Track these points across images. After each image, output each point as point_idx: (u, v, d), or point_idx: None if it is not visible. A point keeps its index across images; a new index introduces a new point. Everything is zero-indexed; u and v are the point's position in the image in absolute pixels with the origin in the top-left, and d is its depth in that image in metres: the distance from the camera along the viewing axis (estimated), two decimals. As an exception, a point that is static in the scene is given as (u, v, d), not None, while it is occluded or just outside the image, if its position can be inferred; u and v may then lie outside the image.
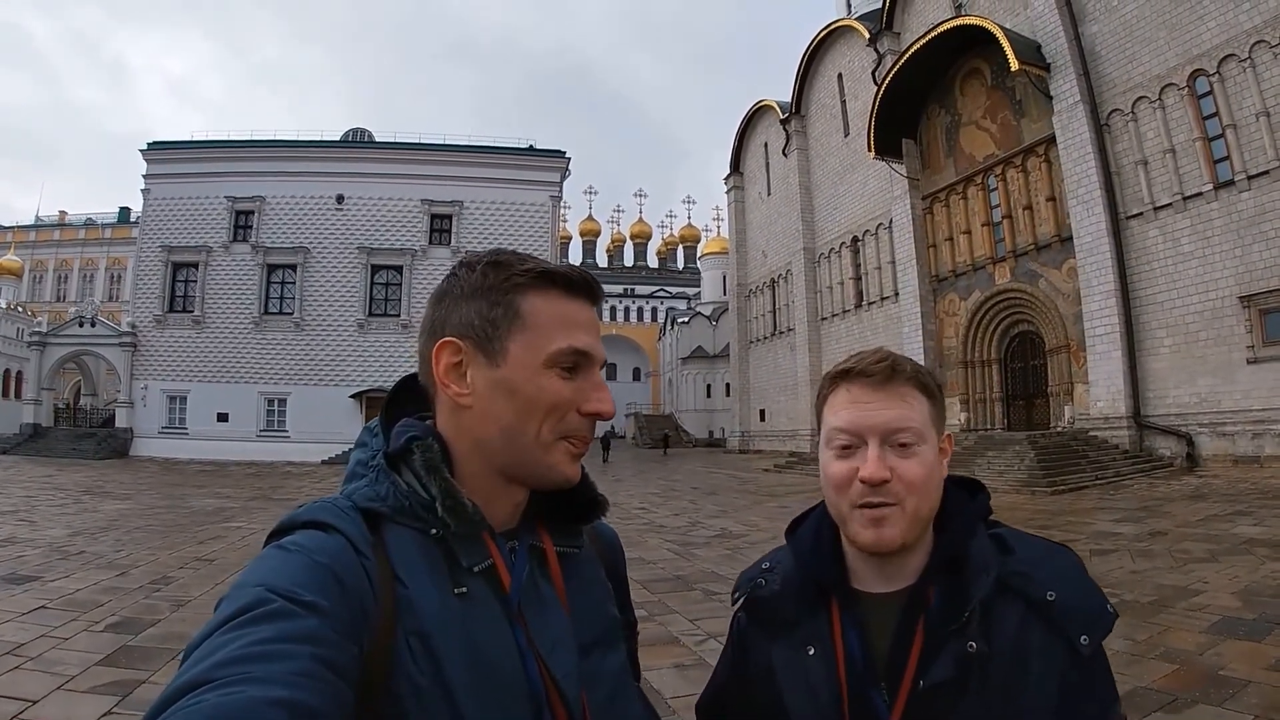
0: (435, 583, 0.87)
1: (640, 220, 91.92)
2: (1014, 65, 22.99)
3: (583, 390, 0.94)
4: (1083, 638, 1.04)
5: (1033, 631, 1.06)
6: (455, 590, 0.88)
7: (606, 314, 75.14)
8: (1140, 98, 21.18)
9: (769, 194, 44.11)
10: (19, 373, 43.88)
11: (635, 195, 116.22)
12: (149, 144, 40.74)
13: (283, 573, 0.77)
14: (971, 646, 1.04)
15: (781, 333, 42.30)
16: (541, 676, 0.89)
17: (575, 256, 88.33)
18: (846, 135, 36.08)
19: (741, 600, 1.31)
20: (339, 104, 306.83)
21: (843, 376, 1.18)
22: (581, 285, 0.97)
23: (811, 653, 1.16)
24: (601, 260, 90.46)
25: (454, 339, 0.94)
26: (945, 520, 1.17)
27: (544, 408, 0.92)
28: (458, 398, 0.95)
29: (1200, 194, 19.66)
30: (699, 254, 77.93)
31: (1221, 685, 4.69)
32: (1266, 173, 18.17)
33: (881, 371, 1.15)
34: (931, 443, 1.14)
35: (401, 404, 1.04)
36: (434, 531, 0.90)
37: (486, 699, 0.83)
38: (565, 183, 43.79)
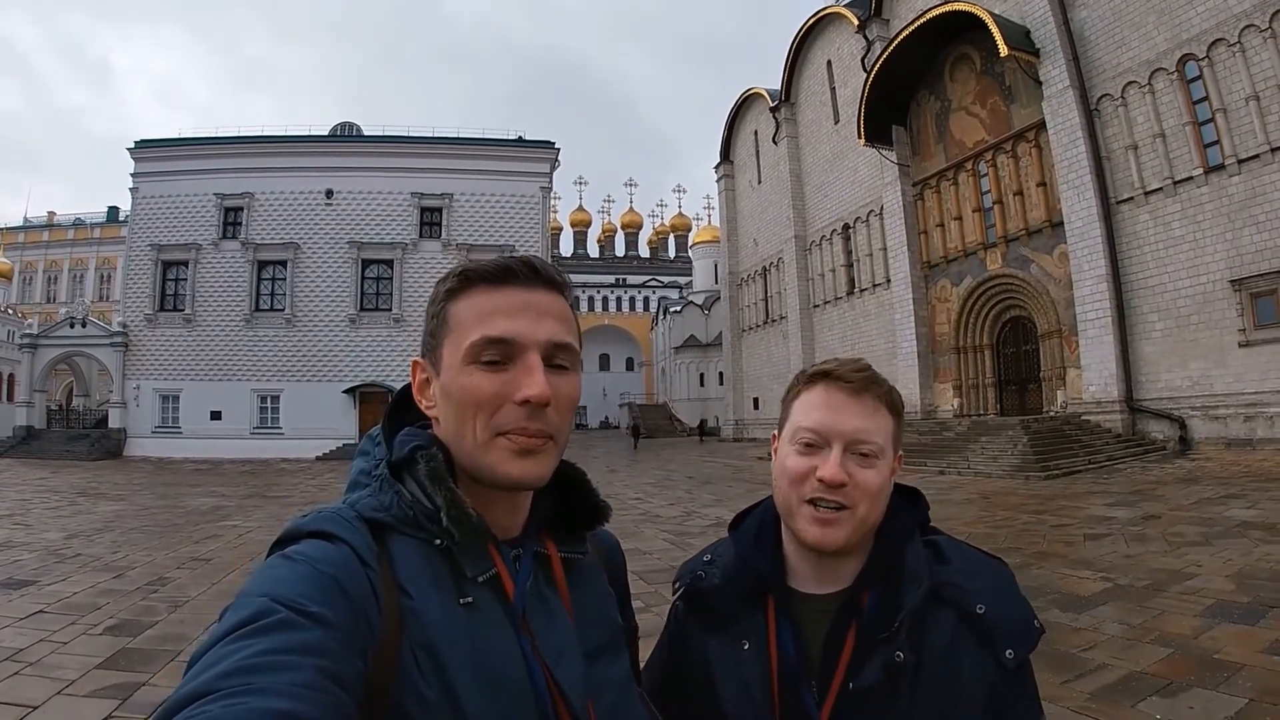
0: (440, 593, 0.87)
1: (631, 210, 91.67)
2: (1003, 51, 23.01)
3: (514, 380, 0.91)
4: (1008, 651, 1.07)
5: (963, 641, 1.09)
6: (460, 600, 0.88)
7: (599, 304, 75.12)
8: (1130, 82, 21.20)
9: (759, 182, 44.15)
10: (10, 375, 43.70)
11: (626, 185, 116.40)
12: (136, 142, 40.37)
13: (288, 583, 0.77)
14: (899, 656, 1.08)
15: (774, 321, 42.37)
16: (548, 685, 0.89)
17: (567, 247, 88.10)
18: (836, 122, 36.09)
19: (681, 590, 1.34)
20: (325, 102, 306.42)
21: (820, 377, 1.22)
22: (506, 272, 0.95)
23: (746, 647, 1.20)
24: (593, 250, 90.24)
25: (419, 358, 0.99)
26: (883, 526, 1.20)
27: (471, 406, 0.91)
28: (428, 410, 0.98)
29: (1191, 178, 19.72)
30: (690, 243, 77.75)
31: (1216, 669, 4.71)
32: (1256, 156, 18.22)
33: (859, 380, 1.18)
34: (888, 459, 1.18)
35: (404, 412, 1.04)
36: (438, 542, 0.89)
37: (493, 709, 0.83)
38: (555, 174, 43.58)
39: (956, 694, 1.06)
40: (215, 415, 37.73)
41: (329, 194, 39.94)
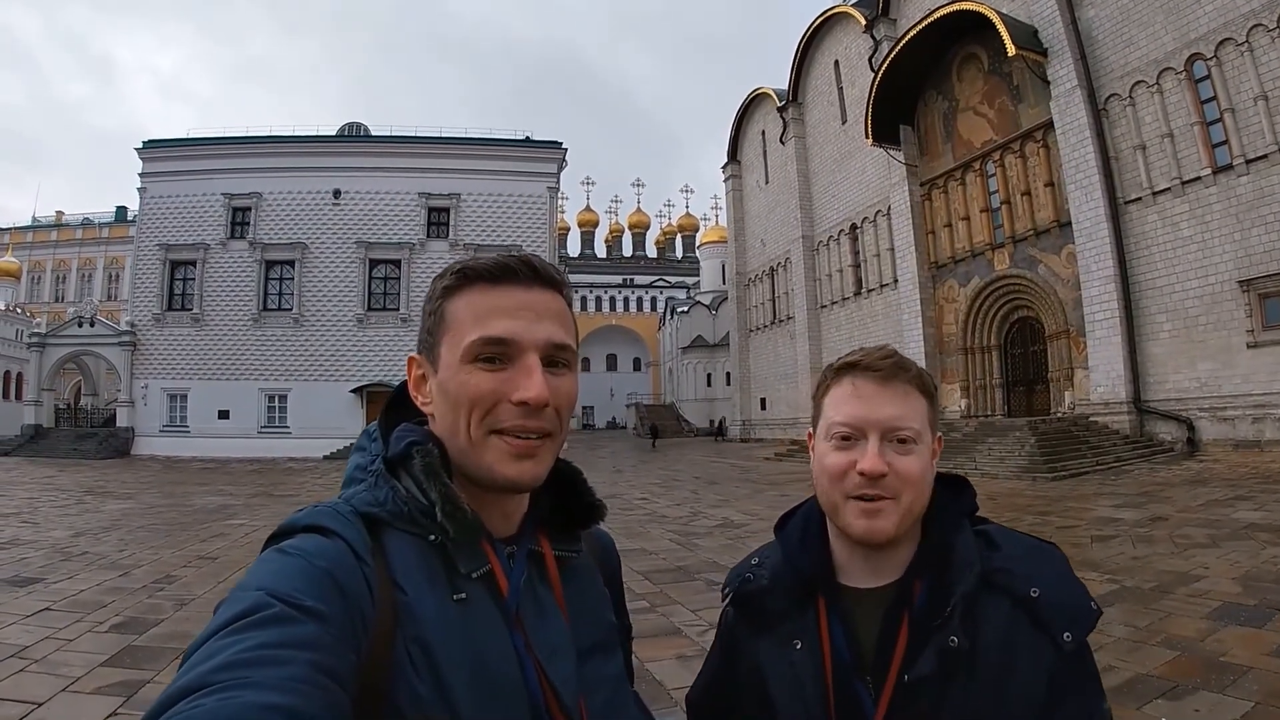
0: (434, 589, 0.87)
1: (638, 210, 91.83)
2: (1011, 51, 22.96)
3: (511, 379, 0.91)
4: (1066, 634, 1.05)
5: (1019, 628, 1.07)
6: (454, 597, 0.87)
7: (606, 304, 75.10)
8: (1138, 82, 21.13)
9: (767, 182, 44.08)
10: (19, 374, 43.90)
11: (633, 185, 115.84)
12: (145, 142, 40.61)
13: (282, 577, 0.77)
14: (953, 641, 1.06)
15: (781, 321, 42.33)
16: (540, 682, 0.89)
17: (574, 247, 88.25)
18: (844, 122, 36.04)
19: (730, 595, 1.33)
20: (331, 100, 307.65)
21: (848, 369, 1.20)
22: (505, 271, 0.94)
23: (799, 647, 1.19)
24: (600, 251, 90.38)
25: (415, 354, 0.99)
26: (931, 516, 1.19)
27: (466, 403, 0.91)
28: (424, 407, 0.98)
29: (1199, 178, 19.64)
30: (698, 243, 77.90)
31: (1222, 672, 4.69)
32: (1265, 157, 18.16)
33: (887, 368, 1.17)
34: (927, 442, 1.17)
35: (401, 409, 1.04)
36: (433, 538, 0.89)
37: (485, 705, 0.83)
38: (562, 174, 43.67)
39: (1013, 680, 1.05)
40: (223, 414, 37.89)
41: (336, 194, 40.07)
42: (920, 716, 1.07)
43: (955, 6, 25.17)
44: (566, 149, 42.98)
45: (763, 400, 43.96)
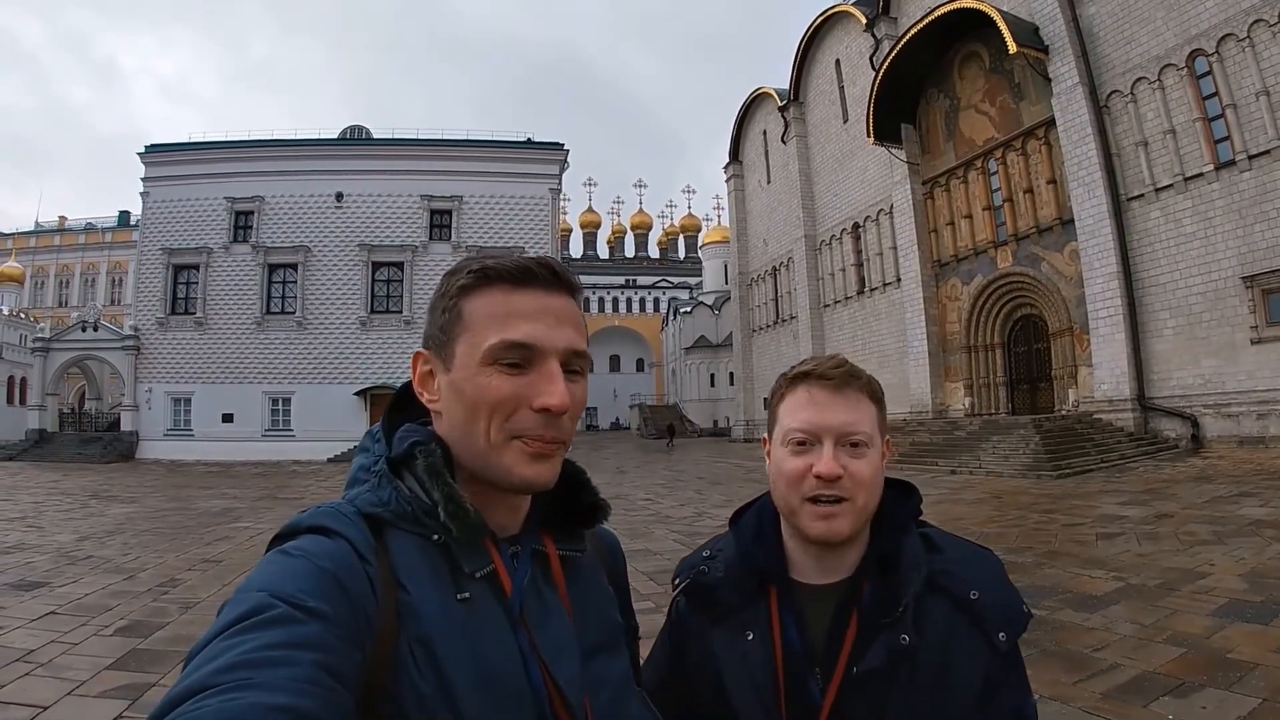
0: (438, 588, 0.87)
1: (640, 211, 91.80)
2: (1012, 48, 22.92)
3: (532, 385, 0.90)
4: (1000, 635, 1.13)
5: (958, 627, 1.14)
6: (458, 596, 0.87)
7: (609, 305, 75.15)
8: (1139, 79, 21.10)
9: (769, 182, 44.04)
10: (23, 379, 43.97)
11: (635, 186, 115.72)
12: (147, 147, 40.63)
13: (286, 578, 0.77)
14: (904, 639, 1.13)
15: (784, 321, 42.29)
16: (544, 682, 0.89)
17: (576, 248, 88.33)
18: (845, 121, 35.98)
19: (683, 585, 1.36)
20: (333, 103, 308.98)
21: (802, 378, 1.27)
22: (527, 274, 0.93)
23: (750, 638, 1.24)
24: (603, 252, 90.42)
25: (423, 350, 0.98)
26: (880, 518, 1.26)
27: (486, 407, 0.90)
28: (429, 404, 0.97)
29: (1201, 174, 19.61)
30: (700, 243, 77.79)
31: (1229, 669, 4.68)
32: (1267, 152, 18.12)
33: (839, 376, 1.23)
34: (877, 446, 1.23)
35: (404, 409, 1.04)
36: (436, 537, 0.89)
37: (489, 705, 0.83)
38: (564, 175, 43.59)
39: (953, 676, 1.12)
40: (227, 418, 37.89)
41: (339, 197, 40.06)
42: (865, 707, 1.14)
43: (956, 4, 25.13)
44: (568, 150, 42.95)
45: (766, 400, 43.74)
